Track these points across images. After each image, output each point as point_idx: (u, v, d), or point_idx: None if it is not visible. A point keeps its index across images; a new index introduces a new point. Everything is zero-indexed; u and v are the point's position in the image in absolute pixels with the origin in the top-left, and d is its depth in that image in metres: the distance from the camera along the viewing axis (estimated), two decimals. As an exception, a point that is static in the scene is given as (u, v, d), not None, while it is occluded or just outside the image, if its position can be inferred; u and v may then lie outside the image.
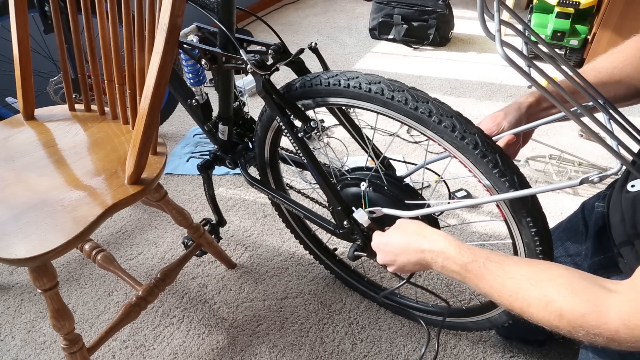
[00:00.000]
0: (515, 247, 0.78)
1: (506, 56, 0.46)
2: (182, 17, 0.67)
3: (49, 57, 1.61)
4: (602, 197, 0.83)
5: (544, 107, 0.75)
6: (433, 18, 2.44)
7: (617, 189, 0.70)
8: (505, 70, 2.32)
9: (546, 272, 0.53)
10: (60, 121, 1.00)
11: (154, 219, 1.46)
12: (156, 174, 0.85)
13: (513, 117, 0.73)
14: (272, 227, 1.43)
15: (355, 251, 0.90)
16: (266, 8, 3.07)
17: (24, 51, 0.92)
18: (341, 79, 0.76)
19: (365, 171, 0.91)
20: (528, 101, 0.75)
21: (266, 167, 1.04)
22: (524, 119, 0.74)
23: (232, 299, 1.21)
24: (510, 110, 0.74)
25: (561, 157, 1.64)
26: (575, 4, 2.11)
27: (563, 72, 0.57)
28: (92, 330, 1.14)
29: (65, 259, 1.33)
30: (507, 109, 0.75)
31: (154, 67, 0.69)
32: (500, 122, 0.73)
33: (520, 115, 0.74)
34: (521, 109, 0.74)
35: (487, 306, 0.94)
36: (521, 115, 0.74)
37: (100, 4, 0.86)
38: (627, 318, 0.45)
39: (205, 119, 1.05)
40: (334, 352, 1.08)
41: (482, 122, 0.75)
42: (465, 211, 1.48)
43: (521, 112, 0.74)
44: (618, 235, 0.68)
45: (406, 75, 2.30)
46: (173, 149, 1.79)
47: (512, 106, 0.75)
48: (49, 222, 0.74)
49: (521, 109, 0.74)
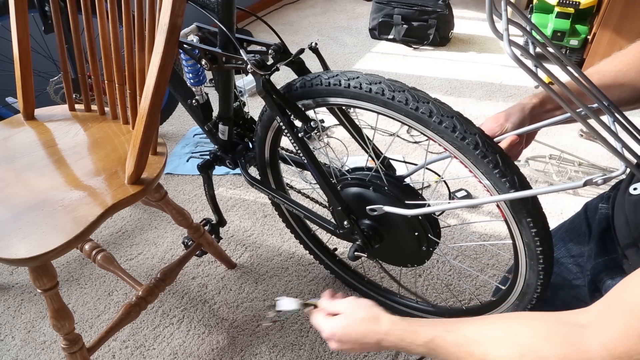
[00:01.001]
0: (515, 248, 0.78)
1: (514, 56, 0.45)
2: (182, 17, 0.66)
3: (49, 57, 1.61)
4: (606, 199, 0.83)
5: (547, 108, 0.75)
6: (433, 18, 2.44)
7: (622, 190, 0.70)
8: (505, 70, 2.32)
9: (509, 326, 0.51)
10: (60, 121, 1.00)
11: (154, 219, 1.46)
12: (156, 174, 0.85)
13: (516, 118, 0.73)
14: (272, 227, 1.43)
15: (356, 251, 0.90)
16: (266, 8, 3.07)
17: (24, 51, 0.92)
18: (341, 79, 0.76)
19: (365, 171, 0.91)
20: (532, 102, 0.75)
21: (266, 167, 1.04)
22: (528, 120, 0.73)
23: (232, 299, 1.21)
24: (514, 111, 0.74)
25: (561, 157, 1.64)
26: (575, 4, 2.11)
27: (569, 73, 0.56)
28: (92, 330, 1.14)
29: (65, 259, 1.33)
30: (511, 109, 0.75)
31: (154, 67, 0.69)
32: (503, 123, 0.73)
33: (524, 116, 0.73)
34: (525, 110, 0.73)
35: (487, 306, 0.94)
36: (525, 116, 0.73)
37: (100, 4, 0.86)
38: (613, 347, 0.41)
39: (205, 119, 1.05)
40: (334, 352, 1.08)
41: (484, 123, 0.75)
42: (465, 211, 1.48)
43: (525, 113, 0.73)
44: (623, 237, 0.68)
45: (406, 75, 2.30)
46: (173, 149, 1.78)
47: (515, 107, 0.75)
48: (49, 222, 0.74)
49: (525, 110, 0.74)
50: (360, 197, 0.90)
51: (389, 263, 1.03)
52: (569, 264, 0.89)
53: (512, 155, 0.74)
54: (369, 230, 0.92)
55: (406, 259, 0.96)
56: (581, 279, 0.87)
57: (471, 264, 1.30)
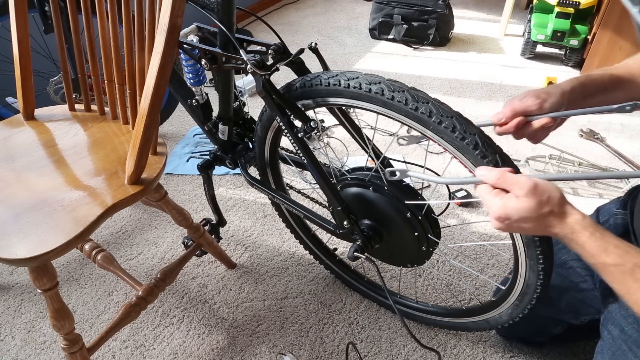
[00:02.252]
0: (515, 247, 0.78)
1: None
2: (182, 17, 0.67)
3: (49, 57, 1.61)
4: (623, 204, 0.82)
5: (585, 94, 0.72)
6: (433, 18, 2.44)
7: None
8: (505, 70, 2.32)
9: None
10: (60, 121, 1.00)
11: (154, 219, 1.47)
12: (156, 174, 0.85)
13: (556, 100, 0.70)
14: (272, 227, 1.43)
15: (355, 251, 0.90)
16: (266, 8, 3.07)
17: (24, 51, 0.92)
18: (341, 79, 0.76)
19: (365, 171, 0.91)
20: (572, 85, 0.72)
21: (266, 167, 1.04)
22: (565, 104, 0.70)
23: (232, 299, 1.21)
24: (555, 92, 0.71)
25: (561, 157, 1.65)
26: (575, 4, 2.11)
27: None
28: (92, 330, 1.14)
29: (65, 259, 1.33)
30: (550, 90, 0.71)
31: (154, 67, 0.69)
32: (542, 103, 0.69)
33: (562, 100, 0.70)
34: (564, 94, 0.71)
35: (487, 306, 0.94)
36: (563, 101, 0.70)
37: (100, 4, 0.86)
38: None
39: (205, 119, 1.05)
40: (334, 352, 1.08)
41: (525, 98, 0.71)
42: (465, 211, 1.48)
43: (564, 97, 0.70)
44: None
45: (406, 75, 2.30)
46: (173, 149, 1.79)
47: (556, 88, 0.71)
48: (49, 222, 0.74)
49: (564, 94, 0.71)
50: (360, 197, 0.90)
51: (389, 263, 1.03)
52: (577, 268, 0.88)
53: (538, 137, 0.71)
54: (368, 230, 0.92)
55: (406, 259, 0.96)
56: (589, 282, 0.86)
57: (471, 264, 1.30)
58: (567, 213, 0.58)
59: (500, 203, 0.60)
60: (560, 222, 0.58)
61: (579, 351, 1.07)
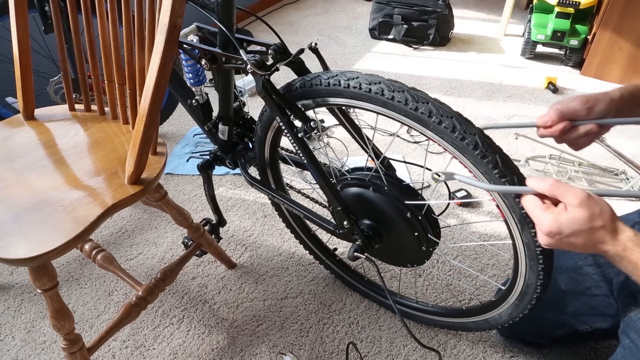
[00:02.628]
0: (515, 248, 0.78)
1: None
2: (182, 17, 0.67)
3: (49, 57, 1.61)
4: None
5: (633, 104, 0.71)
6: (433, 18, 2.44)
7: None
8: (505, 70, 2.32)
9: None
10: (60, 121, 1.00)
11: (154, 219, 1.47)
12: (156, 174, 0.85)
13: (604, 107, 0.69)
14: (272, 227, 1.43)
15: (355, 251, 0.90)
16: (266, 8, 3.07)
17: (24, 51, 0.92)
18: (341, 79, 0.76)
19: (365, 171, 0.91)
20: (621, 94, 0.71)
21: (266, 167, 1.04)
22: (612, 112, 0.70)
23: (232, 299, 1.21)
24: (603, 99, 0.70)
25: (561, 157, 1.65)
26: (575, 4, 2.11)
27: None
28: (92, 330, 1.14)
29: (65, 259, 1.33)
30: (599, 96, 0.70)
31: (154, 67, 0.69)
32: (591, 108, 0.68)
33: (611, 107, 0.69)
34: (613, 102, 0.70)
35: (487, 306, 0.94)
36: (611, 108, 0.69)
37: (100, 4, 0.86)
38: None
39: (205, 119, 1.05)
40: (334, 352, 1.08)
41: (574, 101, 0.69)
42: (465, 211, 1.48)
43: (612, 105, 0.70)
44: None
45: (406, 75, 2.30)
46: (173, 149, 1.79)
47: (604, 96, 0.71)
48: (49, 222, 0.74)
49: (613, 101, 0.70)
50: (360, 197, 0.90)
51: (389, 263, 1.03)
52: (594, 275, 0.87)
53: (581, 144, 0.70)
54: (368, 230, 0.92)
55: (406, 259, 0.96)
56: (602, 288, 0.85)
57: (471, 264, 1.30)
58: (619, 230, 0.57)
59: (552, 217, 0.58)
60: (613, 238, 0.57)
61: (579, 352, 1.07)
